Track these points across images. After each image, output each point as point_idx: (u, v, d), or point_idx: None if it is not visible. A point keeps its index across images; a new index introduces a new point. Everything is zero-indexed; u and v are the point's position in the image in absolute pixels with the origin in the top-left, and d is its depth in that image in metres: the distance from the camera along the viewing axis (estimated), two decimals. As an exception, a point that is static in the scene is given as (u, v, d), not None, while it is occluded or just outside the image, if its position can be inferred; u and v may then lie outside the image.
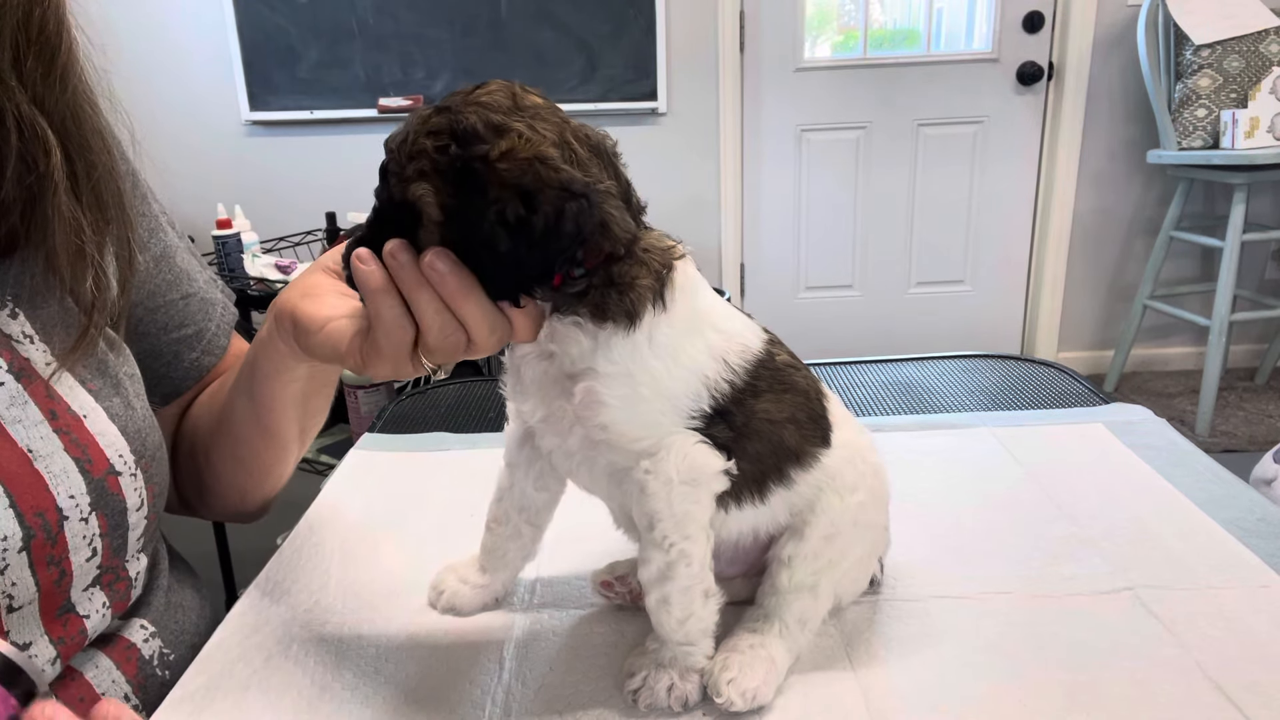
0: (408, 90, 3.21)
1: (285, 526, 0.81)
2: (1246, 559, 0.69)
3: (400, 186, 0.48)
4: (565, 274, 0.49)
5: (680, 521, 0.53)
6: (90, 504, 0.56)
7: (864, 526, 0.60)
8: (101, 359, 0.62)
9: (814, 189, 3.45)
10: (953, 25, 3.36)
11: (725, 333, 0.54)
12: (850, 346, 3.54)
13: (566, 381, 0.52)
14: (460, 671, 0.59)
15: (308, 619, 0.66)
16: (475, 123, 0.46)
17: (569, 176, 0.46)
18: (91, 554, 0.57)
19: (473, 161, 0.46)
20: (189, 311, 0.73)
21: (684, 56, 3.24)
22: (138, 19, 3.13)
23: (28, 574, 0.53)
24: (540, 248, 0.46)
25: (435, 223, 0.47)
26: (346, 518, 0.81)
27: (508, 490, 0.64)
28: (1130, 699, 0.54)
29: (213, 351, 0.76)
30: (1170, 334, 3.51)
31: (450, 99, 0.49)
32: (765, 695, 0.55)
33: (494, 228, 0.46)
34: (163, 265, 0.72)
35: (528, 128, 0.47)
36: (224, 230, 2.46)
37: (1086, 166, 3.33)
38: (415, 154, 0.47)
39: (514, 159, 0.46)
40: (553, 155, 0.47)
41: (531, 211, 0.45)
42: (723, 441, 0.53)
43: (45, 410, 0.55)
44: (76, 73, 0.55)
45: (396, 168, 0.48)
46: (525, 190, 0.45)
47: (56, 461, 0.54)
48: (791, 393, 0.57)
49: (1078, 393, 1.07)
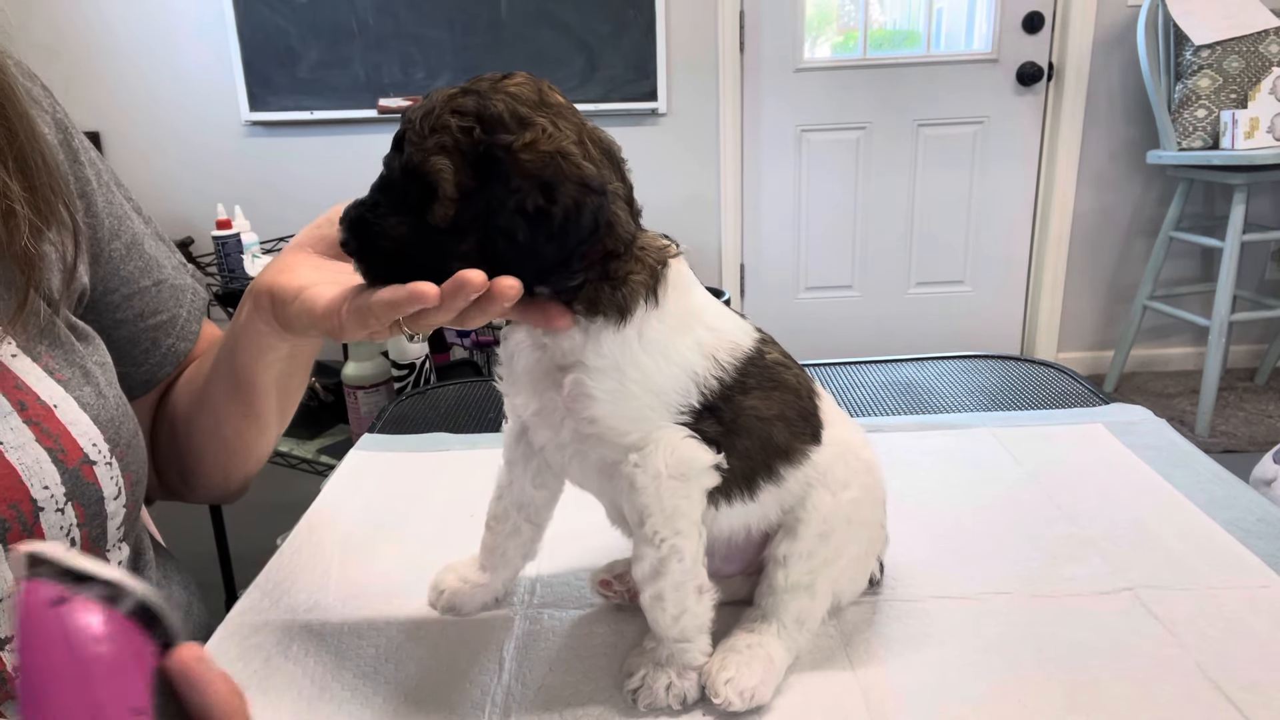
0: (408, 90, 3.21)
1: (285, 526, 0.81)
2: (1246, 559, 0.69)
3: (419, 155, 0.47)
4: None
5: (670, 516, 0.53)
6: (65, 494, 0.56)
7: (859, 524, 0.60)
8: (69, 348, 0.61)
9: (814, 189, 3.45)
10: (953, 25, 3.36)
11: (716, 330, 0.55)
12: (850, 347, 3.54)
13: (557, 373, 0.53)
14: (460, 671, 0.59)
15: (307, 619, 0.66)
16: (502, 111, 0.47)
17: (590, 172, 0.48)
18: (70, 544, 0.56)
19: (496, 148, 0.47)
20: (161, 298, 0.74)
21: (684, 56, 3.24)
22: (138, 19, 3.13)
23: (5, 566, 0.53)
24: (558, 239, 0.47)
25: (449, 199, 0.47)
26: (346, 518, 0.81)
27: (506, 488, 0.64)
28: (1130, 699, 0.54)
29: (186, 337, 0.76)
30: (1170, 334, 3.51)
31: (477, 83, 0.49)
32: (764, 695, 0.55)
33: (513, 216, 0.46)
34: (133, 253, 0.72)
35: (550, 123, 0.48)
36: (224, 230, 2.46)
37: (1086, 167, 3.33)
38: (438, 128, 0.47)
39: (536, 151, 0.47)
40: (574, 151, 0.48)
41: (551, 203, 0.46)
42: (712, 436, 0.53)
43: (14, 401, 0.55)
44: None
45: (416, 138, 0.48)
46: (546, 182, 0.46)
47: (29, 452, 0.55)
48: (781, 390, 0.57)
49: (1078, 393, 1.07)
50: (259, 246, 2.51)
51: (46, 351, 0.60)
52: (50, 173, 0.60)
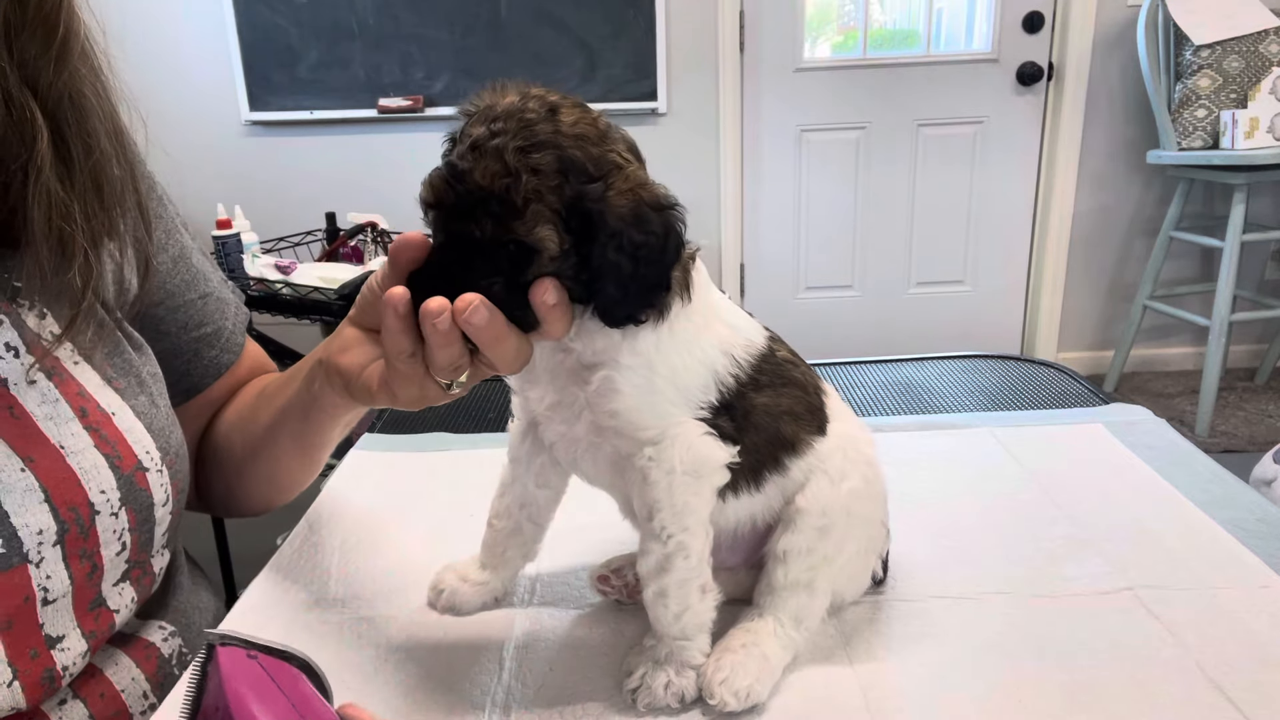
0: (408, 90, 3.21)
1: (285, 526, 0.81)
2: (1246, 559, 0.69)
3: (523, 228, 0.47)
4: None
5: (679, 512, 0.53)
6: (120, 499, 0.57)
7: (858, 518, 0.60)
8: (127, 358, 0.63)
9: (814, 189, 3.45)
10: (953, 25, 3.36)
11: (733, 327, 0.56)
12: (850, 346, 3.54)
13: (584, 372, 0.53)
14: (460, 671, 0.59)
15: (307, 619, 0.66)
16: (581, 158, 0.48)
17: (662, 192, 0.50)
18: (121, 548, 0.58)
19: (587, 200, 0.48)
20: (207, 310, 0.75)
21: (684, 56, 3.24)
22: (138, 19, 3.13)
23: (62, 567, 0.54)
24: (659, 263, 0.49)
25: (552, 258, 0.48)
26: (346, 518, 0.81)
27: (510, 485, 0.64)
28: (1130, 699, 0.54)
29: (231, 349, 0.77)
30: (1170, 334, 3.51)
31: (535, 128, 0.47)
32: (759, 693, 0.55)
33: (616, 256, 0.48)
34: (180, 266, 0.73)
35: (620, 156, 0.50)
36: (224, 230, 2.46)
37: (1086, 166, 3.33)
38: (532, 196, 0.47)
39: (622, 190, 0.48)
40: (648, 178, 0.50)
41: (648, 234, 0.48)
42: (727, 433, 0.54)
43: (76, 408, 0.56)
44: (76, 57, 0.54)
45: (505, 210, 0.47)
46: (639, 217, 0.48)
47: (87, 458, 0.56)
48: (791, 386, 0.58)
49: (1078, 393, 1.07)
50: (259, 246, 2.50)
51: (105, 359, 0.61)
52: (128, 201, 0.60)
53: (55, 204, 0.53)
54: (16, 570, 0.52)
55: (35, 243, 0.53)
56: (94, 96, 0.56)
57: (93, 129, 0.56)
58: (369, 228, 2.66)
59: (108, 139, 0.57)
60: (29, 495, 0.53)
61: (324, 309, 2.22)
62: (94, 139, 0.56)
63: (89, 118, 0.55)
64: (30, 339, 0.55)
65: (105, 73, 0.58)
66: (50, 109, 0.53)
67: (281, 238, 2.79)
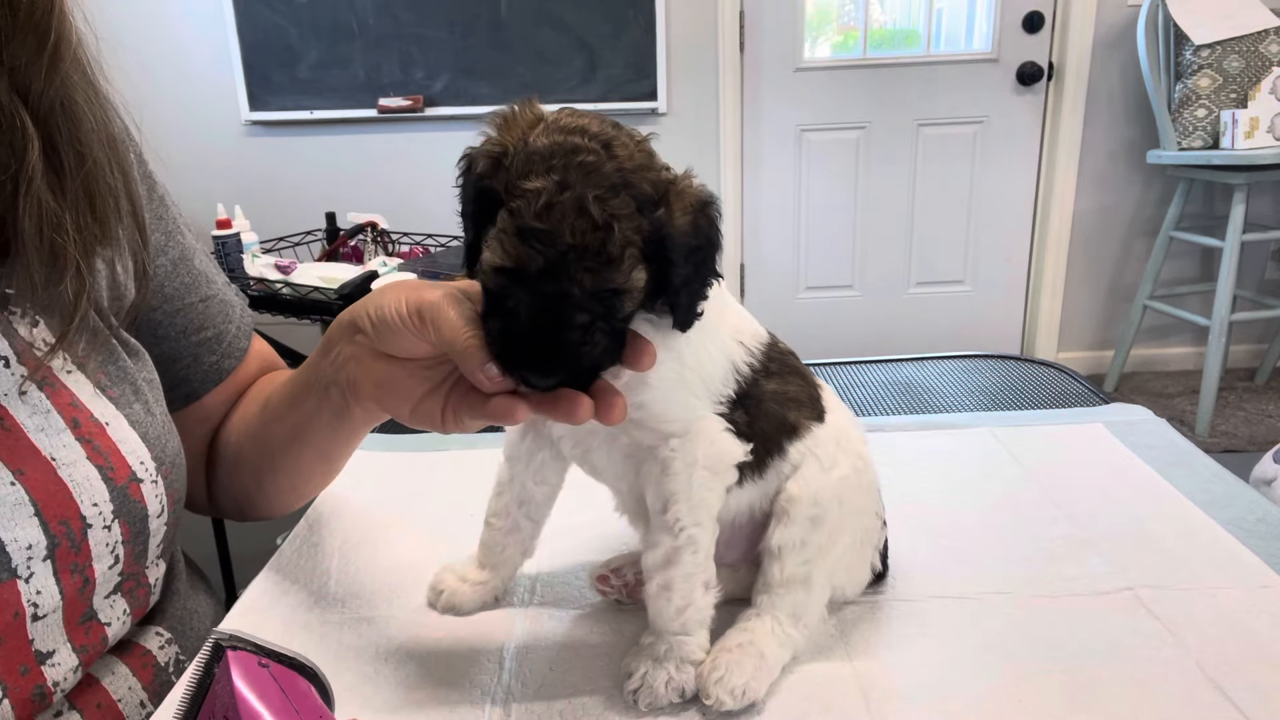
0: (407, 90, 3.21)
1: (285, 526, 0.81)
2: (1246, 559, 0.69)
3: (621, 277, 0.47)
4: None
5: (695, 506, 0.54)
6: (113, 511, 0.56)
7: (850, 508, 0.60)
8: (122, 365, 0.61)
9: (814, 189, 3.45)
10: (953, 25, 3.36)
11: (741, 316, 0.58)
12: (850, 346, 3.54)
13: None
14: (460, 671, 0.59)
15: (307, 619, 0.66)
16: (647, 188, 0.48)
17: (701, 188, 0.51)
18: (114, 561, 0.57)
19: (661, 229, 0.48)
20: (209, 314, 0.73)
21: (684, 56, 3.24)
22: (137, 19, 3.13)
23: (52, 582, 0.53)
24: (711, 260, 0.51)
25: (640, 290, 0.49)
26: (346, 518, 0.81)
27: (507, 484, 0.65)
28: (1130, 699, 0.54)
29: (233, 354, 0.75)
30: (1170, 334, 3.51)
31: (602, 171, 0.46)
32: (756, 691, 0.55)
33: (686, 268, 0.49)
34: (181, 268, 0.71)
35: (666, 171, 0.50)
36: (224, 230, 2.46)
37: (1086, 166, 3.33)
38: (626, 242, 0.47)
39: (681, 208, 0.49)
40: (689, 182, 0.50)
41: (702, 238, 0.50)
42: (741, 429, 0.55)
43: (68, 419, 0.55)
44: (68, 63, 0.53)
45: (600, 263, 0.46)
46: (696, 225, 0.49)
47: (79, 470, 0.54)
48: (795, 375, 0.60)
49: (1078, 393, 1.07)
50: (259, 246, 2.51)
51: (99, 367, 0.59)
52: (122, 208, 0.59)
53: (46, 215, 0.51)
54: (5, 586, 0.50)
55: (26, 254, 0.52)
56: (86, 104, 0.55)
57: (85, 137, 0.54)
58: (369, 227, 2.66)
59: (100, 147, 0.56)
60: (19, 509, 0.51)
61: (324, 309, 2.22)
62: (86, 148, 0.54)
63: (81, 126, 0.54)
64: (21, 348, 0.54)
65: (98, 79, 0.57)
66: (41, 117, 0.51)
67: (281, 237, 2.80)
